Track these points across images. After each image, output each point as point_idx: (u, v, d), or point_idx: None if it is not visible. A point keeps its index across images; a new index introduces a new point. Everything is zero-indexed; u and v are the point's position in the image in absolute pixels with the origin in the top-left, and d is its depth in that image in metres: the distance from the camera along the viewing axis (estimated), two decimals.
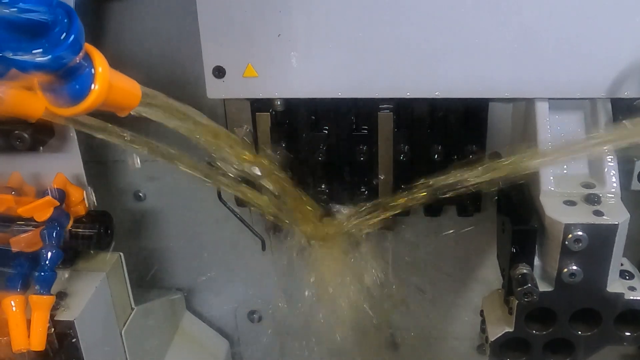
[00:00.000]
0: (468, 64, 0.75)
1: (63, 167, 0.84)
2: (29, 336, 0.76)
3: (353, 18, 0.73)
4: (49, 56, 0.46)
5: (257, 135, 0.86)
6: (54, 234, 0.79)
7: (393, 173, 0.86)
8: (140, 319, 0.97)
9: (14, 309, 0.77)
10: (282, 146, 0.85)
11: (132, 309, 0.96)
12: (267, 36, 0.76)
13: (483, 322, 0.84)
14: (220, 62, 0.79)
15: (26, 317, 0.77)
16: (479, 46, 0.74)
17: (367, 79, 0.76)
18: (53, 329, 0.80)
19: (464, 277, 1.02)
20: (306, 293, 0.98)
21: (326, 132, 0.84)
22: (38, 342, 0.76)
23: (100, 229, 0.87)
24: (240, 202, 0.91)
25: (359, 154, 0.84)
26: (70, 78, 0.49)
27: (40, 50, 0.46)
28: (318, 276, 0.94)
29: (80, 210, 0.85)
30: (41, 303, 0.76)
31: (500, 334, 0.78)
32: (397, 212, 0.83)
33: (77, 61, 0.48)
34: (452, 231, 0.96)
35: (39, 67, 0.46)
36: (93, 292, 0.84)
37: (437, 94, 0.77)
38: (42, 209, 0.78)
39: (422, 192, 0.80)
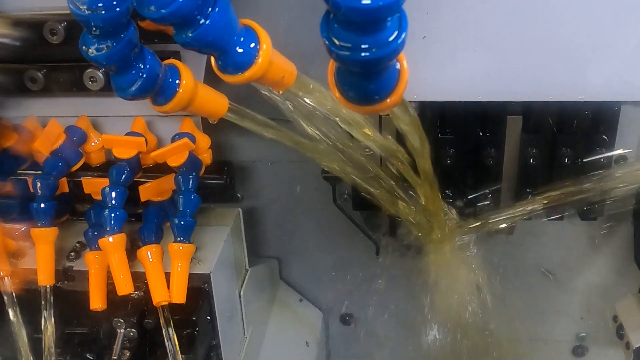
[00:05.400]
0: (615, 66, 0.70)
1: None
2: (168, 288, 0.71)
3: (503, 20, 0.69)
4: None
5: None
6: (191, 178, 0.73)
7: (518, 177, 0.83)
8: (252, 281, 0.91)
9: (150, 259, 0.71)
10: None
11: (247, 270, 0.91)
12: (412, 38, 0.72)
13: (620, 327, 0.82)
14: None
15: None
16: (628, 48, 0.69)
17: (512, 83, 0.72)
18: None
19: (564, 280, 0.99)
20: (409, 298, 0.96)
21: (453, 136, 0.81)
22: (179, 293, 0.70)
23: (227, 179, 0.81)
24: (356, 207, 0.89)
25: (486, 157, 0.81)
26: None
27: None
28: (426, 281, 0.90)
29: (206, 160, 0.79)
30: (182, 252, 0.71)
31: None
32: (522, 217, 0.81)
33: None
34: (572, 235, 0.94)
35: None
36: (222, 246, 0.79)
37: (581, 97, 0.72)
38: (178, 152, 0.72)
39: (551, 198, 0.79)
